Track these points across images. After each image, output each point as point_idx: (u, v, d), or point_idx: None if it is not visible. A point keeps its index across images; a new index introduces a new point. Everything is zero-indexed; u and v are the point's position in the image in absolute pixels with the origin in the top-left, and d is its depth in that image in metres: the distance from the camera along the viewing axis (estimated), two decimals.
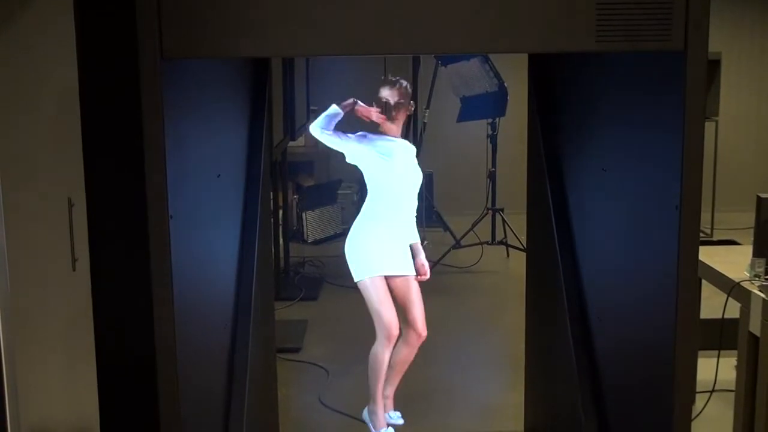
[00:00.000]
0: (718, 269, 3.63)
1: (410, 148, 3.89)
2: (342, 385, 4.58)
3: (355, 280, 3.81)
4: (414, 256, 3.91)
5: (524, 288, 3.87)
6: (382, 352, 3.80)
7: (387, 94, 3.77)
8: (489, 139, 7.28)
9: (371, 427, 3.94)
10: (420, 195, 3.96)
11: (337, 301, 6.06)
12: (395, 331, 3.76)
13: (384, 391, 3.95)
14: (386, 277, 3.82)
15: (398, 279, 3.83)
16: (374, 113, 3.76)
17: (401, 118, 3.81)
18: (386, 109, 3.76)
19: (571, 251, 3.23)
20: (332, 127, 3.73)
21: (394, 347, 3.87)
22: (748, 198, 3.86)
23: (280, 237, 6.46)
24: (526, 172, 3.71)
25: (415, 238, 3.94)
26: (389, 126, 3.80)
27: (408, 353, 3.91)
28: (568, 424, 3.22)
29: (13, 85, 2.15)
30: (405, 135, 3.95)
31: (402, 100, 3.78)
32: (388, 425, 3.93)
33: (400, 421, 3.97)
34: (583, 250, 3.16)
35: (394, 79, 3.83)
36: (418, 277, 3.90)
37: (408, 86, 3.85)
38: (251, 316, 3.07)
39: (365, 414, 3.98)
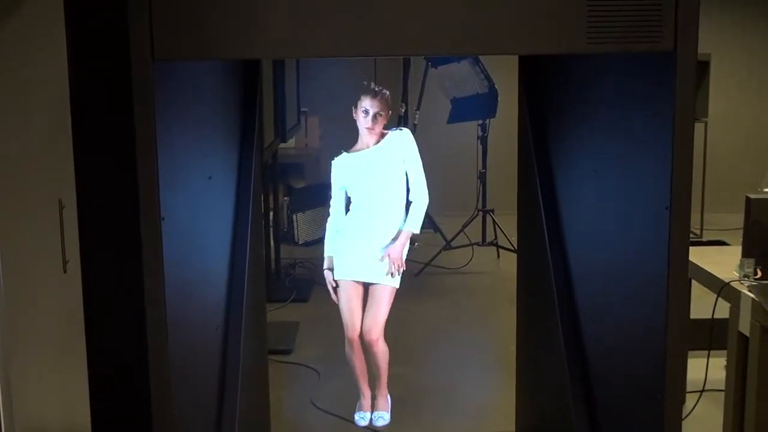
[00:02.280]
0: (707, 269, 3.64)
1: (377, 157, 3.86)
2: (333, 386, 4.58)
3: None
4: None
5: (515, 289, 3.88)
6: (347, 350, 3.96)
7: (368, 104, 3.78)
8: (479, 141, 7.29)
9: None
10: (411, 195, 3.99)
11: (328, 302, 5.97)
12: (351, 334, 3.91)
13: (373, 390, 4.02)
14: (360, 282, 3.91)
15: (370, 285, 3.91)
16: None
17: (379, 127, 3.83)
18: (367, 118, 3.78)
19: (561, 252, 3.23)
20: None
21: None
22: (738, 199, 3.87)
23: (270, 239, 6.46)
24: (516, 174, 3.72)
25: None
26: (366, 138, 3.83)
27: (370, 357, 3.96)
28: (559, 425, 3.22)
29: (4, 87, 2.15)
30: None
31: (382, 112, 3.80)
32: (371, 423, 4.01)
33: (380, 423, 4.02)
34: (573, 251, 3.17)
35: (377, 89, 3.83)
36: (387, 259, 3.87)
37: (389, 96, 3.87)
38: (243, 317, 3.07)
39: None
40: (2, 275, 2.06)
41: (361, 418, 4.03)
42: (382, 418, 4.05)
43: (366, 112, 3.78)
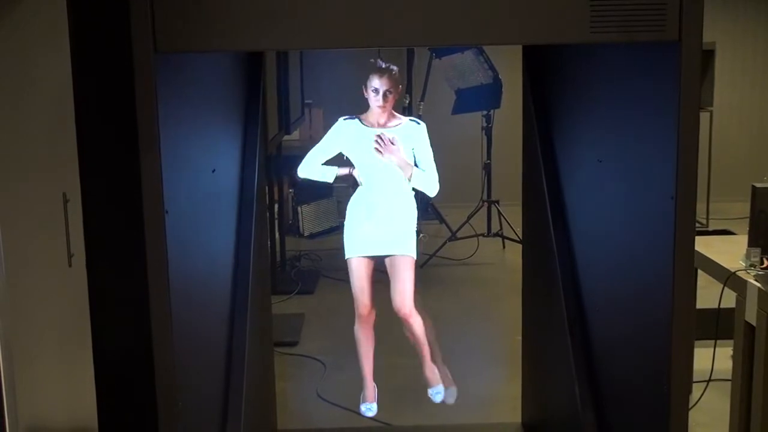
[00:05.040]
0: (713, 259, 3.63)
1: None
2: (339, 377, 4.58)
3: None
4: None
5: (520, 279, 3.87)
6: (357, 329, 3.99)
7: (377, 83, 3.77)
8: (484, 132, 7.28)
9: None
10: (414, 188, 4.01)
11: (333, 294, 6.06)
12: (363, 311, 3.93)
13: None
14: (376, 258, 3.91)
15: (386, 258, 3.90)
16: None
17: (390, 104, 3.82)
18: (377, 97, 3.78)
19: (566, 242, 3.23)
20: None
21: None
22: (743, 188, 3.86)
23: (276, 231, 6.46)
24: (521, 164, 3.71)
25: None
26: (378, 115, 3.82)
27: (409, 332, 3.94)
28: (565, 416, 3.22)
29: (6, 81, 2.15)
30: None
31: (392, 89, 3.79)
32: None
33: (369, 414, 4.01)
34: (578, 242, 3.16)
35: (384, 66, 3.82)
36: None
37: (398, 72, 3.86)
38: (248, 310, 3.07)
39: None
40: (7, 269, 2.06)
41: (368, 409, 4.02)
42: (440, 393, 4.02)
43: (376, 90, 3.78)
